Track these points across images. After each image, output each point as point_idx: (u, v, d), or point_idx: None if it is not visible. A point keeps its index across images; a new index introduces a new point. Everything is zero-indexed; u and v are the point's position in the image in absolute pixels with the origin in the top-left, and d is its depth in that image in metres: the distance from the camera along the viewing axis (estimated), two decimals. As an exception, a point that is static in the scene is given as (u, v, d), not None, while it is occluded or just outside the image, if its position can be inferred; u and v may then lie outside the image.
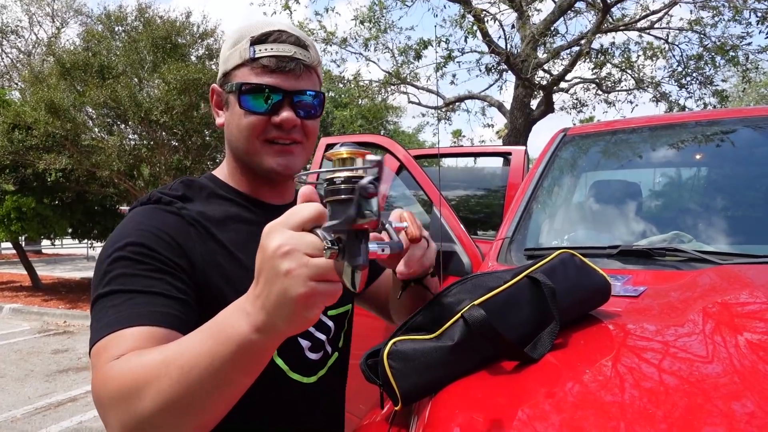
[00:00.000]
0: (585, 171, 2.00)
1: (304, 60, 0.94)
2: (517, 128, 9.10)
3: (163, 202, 0.91)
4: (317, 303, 0.57)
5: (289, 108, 0.93)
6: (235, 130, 0.95)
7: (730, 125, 1.82)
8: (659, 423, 0.56)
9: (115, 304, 0.76)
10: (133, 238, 0.82)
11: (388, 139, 2.51)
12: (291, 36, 0.94)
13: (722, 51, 8.61)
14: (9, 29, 19.68)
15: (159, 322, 0.74)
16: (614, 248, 1.35)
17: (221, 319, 0.63)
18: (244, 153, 0.96)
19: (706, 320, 0.84)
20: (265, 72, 0.92)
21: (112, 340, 0.72)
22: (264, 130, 0.94)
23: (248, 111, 0.93)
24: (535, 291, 0.81)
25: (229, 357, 0.61)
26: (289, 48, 0.93)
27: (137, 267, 0.80)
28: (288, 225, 0.58)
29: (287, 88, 0.93)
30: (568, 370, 0.74)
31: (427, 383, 0.77)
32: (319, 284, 0.56)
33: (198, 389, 0.62)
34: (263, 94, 0.92)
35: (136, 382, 0.64)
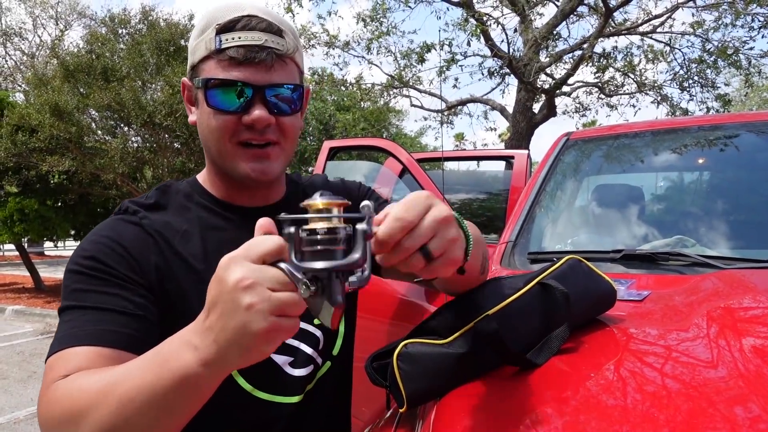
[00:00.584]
0: (588, 175, 2.01)
1: (277, 48, 0.82)
2: (519, 132, 9.11)
3: (129, 212, 0.86)
4: (277, 338, 0.54)
5: (261, 105, 0.83)
6: (206, 131, 0.86)
7: (732, 130, 1.83)
8: (663, 428, 0.56)
9: (69, 319, 0.74)
10: (88, 252, 0.79)
11: (390, 142, 2.52)
12: (262, 21, 0.82)
13: (724, 53, 8.61)
14: (13, 31, 19.76)
15: (108, 342, 0.71)
16: (618, 252, 1.35)
17: (164, 351, 0.60)
18: (216, 155, 0.88)
19: (710, 325, 0.84)
20: (232, 65, 0.81)
21: (60, 358, 0.70)
22: (235, 131, 0.84)
23: (216, 110, 0.83)
24: (546, 297, 0.81)
25: (171, 389, 0.58)
26: (259, 36, 0.81)
27: (91, 282, 0.77)
28: (248, 258, 0.54)
29: (258, 82, 0.82)
30: (574, 375, 0.74)
31: (434, 388, 0.77)
32: (281, 319, 0.53)
33: (137, 421, 0.59)
34: (232, 90, 0.81)
35: (74, 408, 0.62)
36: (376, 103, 11.15)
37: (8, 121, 7.96)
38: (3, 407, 4.32)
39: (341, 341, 1.02)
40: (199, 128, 0.89)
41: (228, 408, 0.86)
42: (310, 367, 0.94)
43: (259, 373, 0.87)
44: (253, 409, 0.88)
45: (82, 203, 9.59)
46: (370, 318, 2.08)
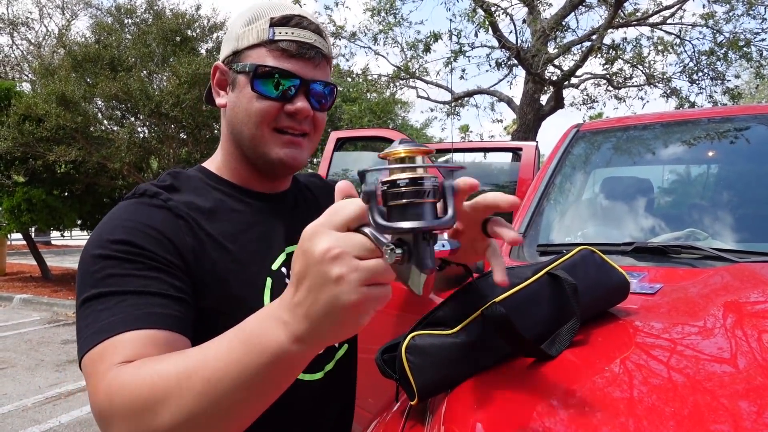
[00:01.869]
0: (598, 167, 1.99)
1: (322, 49, 0.90)
2: (526, 124, 9.06)
3: (148, 195, 0.85)
4: (370, 309, 0.52)
5: (303, 97, 0.89)
6: (243, 114, 0.89)
7: (743, 122, 1.81)
8: (677, 421, 0.56)
9: (107, 307, 0.70)
10: (119, 236, 0.76)
11: (398, 132, 2.51)
12: (312, 23, 0.89)
13: (735, 45, 8.52)
14: (20, 21, 19.79)
15: (159, 324, 0.70)
16: (629, 245, 1.34)
17: (252, 328, 0.58)
18: (248, 139, 0.90)
19: (723, 318, 0.84)
20: (284, 56, 0.87)
21: (108, 347, 0.66)
22: (275, 117, 0.88)
23: (261, 95, 0.87)
24: (556, 288, 0.80)
25: (261, 368, 0.56)
26: (310, 35, 0.88)
27: (127, 266, 0.74)
28: (332, 225, 0.53)
29: (305, 76, 0.88)
30: (586, 367, 0.73)
31: (445, 379, 0.76)
32: (372, 289, 0.52)
33: (224, 403, 0.57)
34: (279, 80, 0.86)
35: (152, 395, 0.59)
36: (383, 94, 11.11)
37: (15, 111, 7.98)
38: (11, 395, 4.37)
39: None
40: (230, 111, 0.92)
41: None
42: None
43: None
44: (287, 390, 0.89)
45: (88, 193, 9.63)
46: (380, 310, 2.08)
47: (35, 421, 3.87)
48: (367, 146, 6.42)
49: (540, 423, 0.62)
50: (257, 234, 0.91)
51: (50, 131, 7.80)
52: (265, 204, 0.96)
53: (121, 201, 0.86)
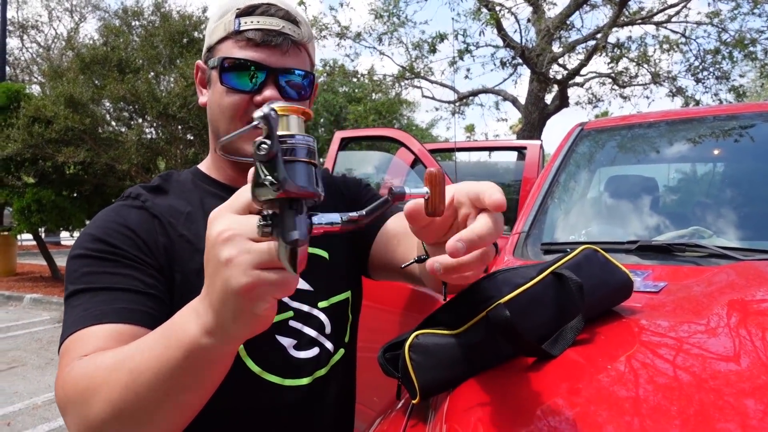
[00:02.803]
0: (602, 165, 1.99)
1: (292, 35, 0.86)
2: (531, 123, 9.04)
3: (131, 197, 0.87)
4: (263, 295, 0.48)
5: (273, 87, 0.85)
6: (217, 110, 0.88)
7: (748, 120, 1.80)
8: (682, 420, 0.56)
9: (81, 302, 0.73)
10: (94, 236, 0.79)
11: (403, 132, 2.51)
12: (280, 9, 0.86)
13: (741, 45, 8.47)
14: (29, 24, 19.93)
15: (125, 319, 0.71)
16: (633, 243, 1.34)
17: (175, 320, 0.57)
18: (223, 134, 0.89)
19: (728, 317, 0.83)
20: (249, 46, 0.84)
21: (76, 340, 0.69)
22: (246, 110, 0.85)
23: (230, 88, 0.85)
24: (560, 287, 0.80)
25: (179, 362, 0.54)
26: (277, 21, 0.85)
27: (101, 264, 0.77)
28: (233, 208, 0.50)
29: (272, 64, 0.85)
30: (590, 366, 0.73)
31: (447, 378, 0.77)
32: (265, 272, 0.47)
33: (148, 396, 0.56)
34: (247, 71, 0.84)
35: (89, 386, 0.60)
36: (387, 94, 11.11)
37: (25, 113, 8.04)
38: (21, 393, 4.40)
39: (349, 329, 1.02)
40: (209, 109, 0.91)
41: (238, 391, 0.85)
42: (315, 349, 0.93)
43: (266, 355, 0.88)
44: (264, 393, 0.88)
45: (96, 194, 9.68)
46: (382, 308, 2.08)
47: (45, 419, 3.90)
48: (372, 146, 6.43)
49: (543, 422, 0.62)
50: None
51: (59, 133, 7.84)
52: None
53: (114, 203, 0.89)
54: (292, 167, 0.46)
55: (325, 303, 0.96)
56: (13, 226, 9.24)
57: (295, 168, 0.46)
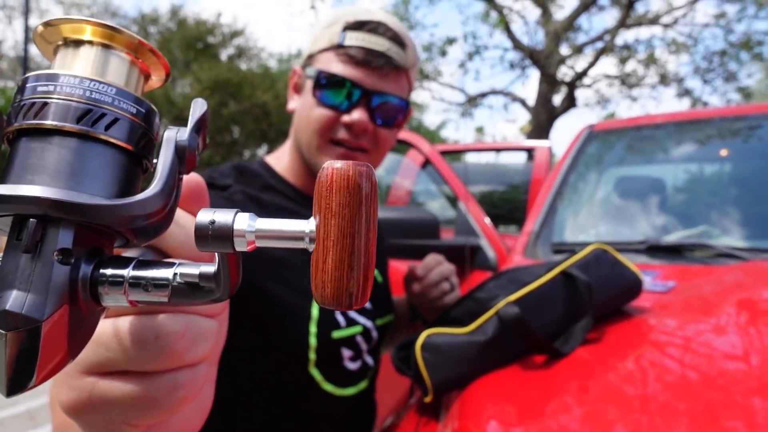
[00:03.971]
0: (611, 166, 1.99)
1: (395, 59, 0.82)
2: (539, 124, 9.03)
3: (218, 187, 0.82)
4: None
5: (363, 109, 0.82)
6: (303, 121, 0.84)
7: (755, 120, 1.79)
8: (690, 418, 0.56)
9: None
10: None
11: (413, 134, 2.52)
12: (389, 30, 0.82)
13: (747, 46, 8.42)
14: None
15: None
16: (642, 243, 1.34)
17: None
18: (305, 146, 0.85)
19: (736, 316, 0.84)
20: (350, 62, 0.80)
21: None
22: (332, 127, 0.82)
23: (320, 102, 0.82)
24: (569, 286, 0.81)
25: None
26: (383, 42, 0.81)
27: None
28: None
29: (368, 86, 0.81)
30: (600, 365, 0.74)
31: (459, 376, 0.77)
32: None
33: None
34: (341, 88, 0.80)
35: None
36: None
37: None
38: (44, 387, 4.41)
39: (383, 346, 1.03)
40: (296, 116, 0.88)
41: (300, 397, 0.84)
42: (360, 363, 0.93)
43: (330, 366, 0.87)
44: (320, 401, 0.87)
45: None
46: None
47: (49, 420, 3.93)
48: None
49: (554, 419, 0.63)
50: None
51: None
52: None
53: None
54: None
55: (380, 321, 0.97)
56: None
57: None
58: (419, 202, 3.34)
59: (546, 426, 0.61)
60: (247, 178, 0.87)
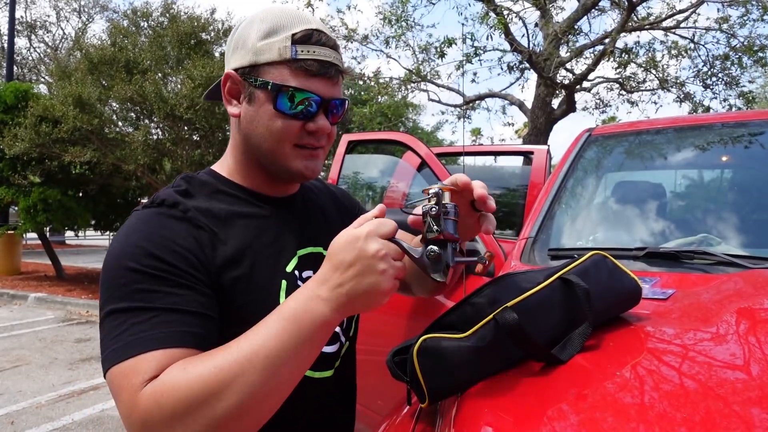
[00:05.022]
0: (610, 171, 1.98)
1: (339, 66, 0.91)
2: (537, 127, 9.03)
3: (167, 205, 0.86)
4: (392, 294, 0.74)
5: (323, 115, 0.91)
6: (263, 131, 0.90)
7: (757, 127, 1.79)
8: (688, 428, 0.56)
9: (138, 322, 0.73)
10: (149, 250, 0.78)
11: (410, 136, 2.51)
12: (330, 39, 0.91)
13: (750, 51, 8.44)
14: (37, 24, 20.08)
15: (187, 343, 0.74)
16: (641, 250, 1.33)
17: (296, 308, 0.73)
18: (268, 154, 0.92)
19: (736, 325, 0.83)
20: (307, 75, 0.87)
21: (141, 362, 0.70)
22: (297, 135, 0.90)
23: (283, 114, 0.88)
24: (568, 293, 0.80)
25: (309, 337, 0.72)
26: (329, 52, 0.89)
27: (157, 282, 0.77)
28: (380, 234, 0.73)
29: (325, 95, 0.89)
30: (597, 372, 0.73)
31: (455, 382, 0.77)
32: (396, 281, 0.73)
33: (283, 373, 0.70)
34: (302, 99, 0.88)
35: (216, 383, 0.67)
36: (394, 97, 11.11)
37: (32, 113, 8.07)
38: (25, 392, 4.42)
39: (354, 323, 1.09)
40: (247, 124, 0.92)
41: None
42: (337, 344, 1.00)
43: None
44: (299, 386, 0.90)
45: (102, 194, 9.72)
46: (387, 313, 2.08)
47: (49, 418, 3.91)
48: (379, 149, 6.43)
49: (550, 427, 0.62)
50: (271, 237, 0.93)
51: (66, 133, 7.87)
52: (276, 208, 0.98)
53: (140, 209, 0.88)
54: (447, 222, 0.77)
55: None
56: (18, 224, 9.29)
57: (448, 223, 0.77)
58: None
59: (542, 434, 0.61)
60: (196, 188, 0.93)
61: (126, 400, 0.69)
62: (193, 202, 0.89)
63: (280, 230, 0.96)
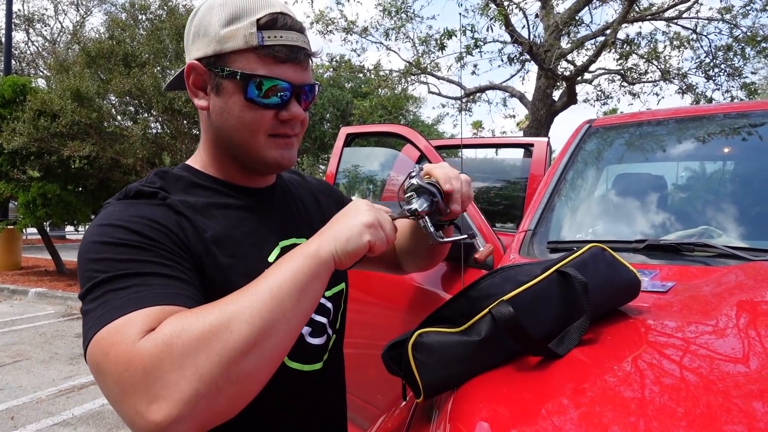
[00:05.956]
0: (610, 163, 1.97)
1: (308, 49, 0.88)
2: (538, 119, 9.01)
3: (144, 195, 0.83)
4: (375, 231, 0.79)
5: (296, 102, 0.88)
6: (234, 122, 0.87)
7: (759, 118, 1.77)
8: (688, 422, 0.55)
9: (127, 286, 0.68)
10: (128, 227, 0.75)
11: (408, 128, 2.49)
12: (296, 22, 0.87)
13: (753, 42, 8.39)
14: (35, 17, 20.02)
15: (181, 303, 0.69)
16: (641, 242, 1.32)
17: (290, 254, 0.75)
18: (241, 145, 0.89)
19: (737, 318, 0.82)
20: (275, 62, 0.84)
21: (136, 316, 0.64)
22: (270, 124, 0.87)
23: (255, 104, 0.85)
24: (565, 286, 0.79)
25: (306, 268, 0.72)
26: (297, 36, 0.86)
27: (141, 253, 0.73)
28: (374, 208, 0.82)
29: (296, 81, 0.86)
30: (595, 366, 0.72)
31: (451, 377, 0.76)
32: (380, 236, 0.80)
33: (288, 303, 0.69)
34: (273, 88, 0.85)
35: (224, 317, 0.64)
36: (394, 90, 11.08)
37: (30, 107, 8.07)
38: (26, 387, 4.43)
39: (340, 316, 1.08)
40: (217, 116, 0.89)
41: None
42: (324, 336, 0.99)
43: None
44: (288, 379, 0.90)
45: (101, 188, 9.71)
46: (386, 306, 2.07)
47: (49, 413, 3.92)
48: (379, 142, 6.42)
49: (547, 422, 0.61)
50: (250, 227, 0.92)
51: (65, 127, 7.87)
52: (254, 199, 0.96)
53: (113, 201, 0.83)
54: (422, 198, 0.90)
55: (329, 292, 1.01)
56: (18, 220, 9.29)
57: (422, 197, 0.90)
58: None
59: (539, 428, 0.60)
60: (170, 183, 0.90)
61: (120, 353, 0.61)
62: (170, 195, 0.86)
63: (259, 221, 0.94)
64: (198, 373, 0.61)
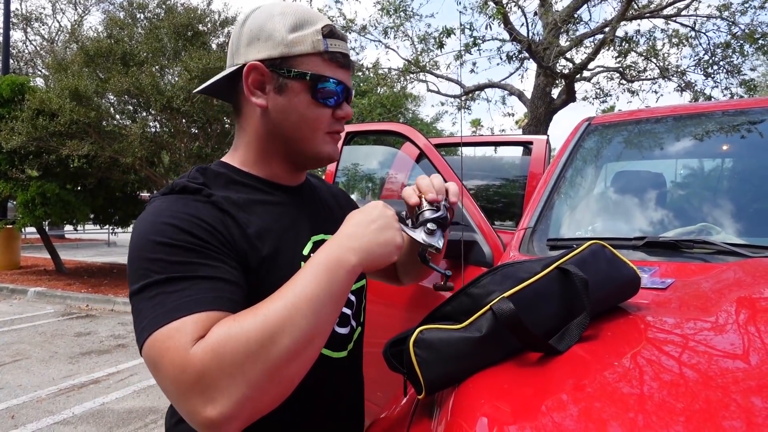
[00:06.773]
0: (609, 161, 1.97)
1: (350, 57, 1.00)
2: (537, 117, 9.01)
3: (189, 191, 0.88)
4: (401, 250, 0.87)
5: (347, 103, 1.00)
6: (297, 119, 0.96)
7: (757, 115, 1.78)
8: (687, 417, 0.55)
9: (179, 289, 0.75)
10: (179, 226, 0.80)
11: (408, 126, 2.49)
12: (343, 33, 0.99)
13: (751, 39, 8.39)
14: (33, 16, 19.97)
15: (226, 308, 0.76)
16: (640, 239, 1.33)
17: (329, 259, 0.79)
18: (300, 141, 0.98)
19: (736, 314, 0.83)
20: (335, 66, 0.96)
21: (186, 323, 0.71)
22: (329, 122, 0.98)
23: (320, 103, 0.95)
24: (566, 283, 0.80)
25: (341, 283, 0.78)
26: (346, 45, 0.98)
27: (192, 255, 0.78)
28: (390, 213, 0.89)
29: (347, 83, 0.99)
30: (596, 362, 0.73)
31: (452, 373, 0.76)
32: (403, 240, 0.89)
33: (323, 314, 0.76)
34: (334, 89, 0.96)
35: (269, 329, 0.71)
36: (393, 88, 11.07)
37: (29, 106, 8.04)
38: (25, 386, 4.43)
39: (363, 310, 1.15)
40: (277, 113, 0.96)
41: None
42: (348, 327, 1.06)
43: None
44: (319, 365, 0.93)
45: (100, 187, 9.70)
46: (388, 304, 2.08)
47: (49, 412, 3.92)
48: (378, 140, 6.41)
49: (548, 418, 0.62)
50: (288, 222, 0.98)
51: (63, 126, 7.85)
52: (289, 196, 1.03)
53: (159, 196, 0.88)
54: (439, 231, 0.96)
55: (354, 286, 1.08)
56: (17, 219, 9.27)
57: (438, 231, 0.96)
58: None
59: (540, 424, 0.60)
60: (211, 179, 0.95)
61: (175, 358, 0.69)
62: (212, 191, 0.91)
63: (295, 216, 1.00)
64: (246, 379, 0.69)
